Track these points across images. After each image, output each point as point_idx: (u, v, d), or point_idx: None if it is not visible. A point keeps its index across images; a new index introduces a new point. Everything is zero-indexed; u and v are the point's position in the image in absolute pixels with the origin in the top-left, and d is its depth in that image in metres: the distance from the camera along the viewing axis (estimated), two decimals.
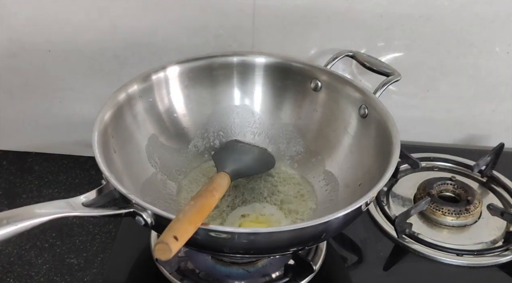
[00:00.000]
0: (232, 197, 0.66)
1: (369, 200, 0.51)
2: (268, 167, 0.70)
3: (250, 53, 0.72)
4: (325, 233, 0.52)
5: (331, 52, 0.73)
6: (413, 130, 0.84)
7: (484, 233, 0.69)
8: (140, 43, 0.76)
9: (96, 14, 0.73)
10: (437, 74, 0.80)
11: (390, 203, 0.73)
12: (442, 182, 0.74)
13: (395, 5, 0.73)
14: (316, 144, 0.70)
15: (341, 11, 0.74)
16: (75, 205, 0.49)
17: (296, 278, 0.61)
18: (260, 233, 0.48)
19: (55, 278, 0.65)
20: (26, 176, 0.81)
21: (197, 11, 0.74)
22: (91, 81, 0.79)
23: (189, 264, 0.62)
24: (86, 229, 0.72)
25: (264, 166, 0.70)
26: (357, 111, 0.66)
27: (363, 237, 0.68)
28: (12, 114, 0.83)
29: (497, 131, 0.85)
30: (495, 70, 0.79)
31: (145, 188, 0.62)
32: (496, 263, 0.65)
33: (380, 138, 0.61)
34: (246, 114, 0.73)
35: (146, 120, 0.66)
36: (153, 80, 0.66)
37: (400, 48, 0.77)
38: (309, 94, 0.70)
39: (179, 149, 0.70)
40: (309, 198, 0.67)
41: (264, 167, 0.70)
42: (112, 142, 0.59)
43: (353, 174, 0.64)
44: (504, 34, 0.76)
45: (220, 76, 0.71)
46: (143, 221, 0.48)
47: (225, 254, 0.56)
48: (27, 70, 0.79)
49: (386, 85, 0.66)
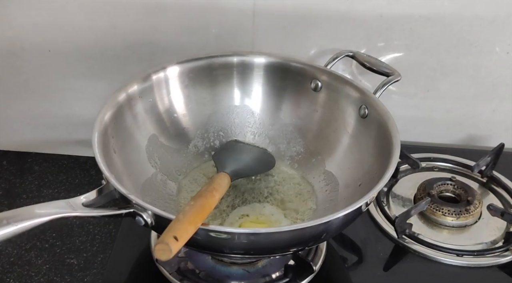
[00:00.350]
0: (232, 197, 0.66)
1: (369, 200, 0.51)
2: (268, 167, 0.70)
3: (250, 53, 0.72)
4: (325, 233, 0.52)
5: (331, 52, 0.73)
6: (413, 130, 0.84)
7: (484, 234, 0.69)
8: (140, 43, 0.76)
9: (96, 14, 0.73)
10: (437, 74, 0.80)
11: (390, 203, 0.73)
12: (442, 182, 0.74)
13: (395, 5, 0.73)
14: (316, 144, 0.70)
15: (341, 11, 0.74)
16: (75, 205, 0.49)
17: (296, 278, 0.61)
18: (260, 233, 0.48)
19: (55, 278, 0.65)
20: (26, 176, 0.81)
21: (197, 11, 0.74)
22: (91, 81, 0.79)
23: (189, 264, 0.62)
24: (86, 229, 0.72)
25: (264, 166, 0.70)
26: (357, 112, 0.66)
27: (363, 237, 0.68)
28: (12, 114, 0.83)
29: (497, 131, 0.85)
30: (495, 70, 0.79)
31: (145, 188, 0.62)
32: (496, 264, 0.65)
33: (380, 138, 0.61)
34: (246, 114, 0.73)
35: (146, 121, 0.66)
36: (153, 80, 0.66)
37: (400, 48, 0.77)
38: (309, 95, 0.70)
39: (179, 149, 0.70)
40: (309, 198, 0.67)
41: (264, 167, 0.70)
42: (112, 142, 0.59)
43: (353, 174, 0.64)
44: (504, 34, 0.76)
45: (220, 76, 0.71)
46: (143, 221, 0.48)
47: (225, 254, 0.56)
48: (27, 70, 0.79)
49: (386, 85, 0.66)
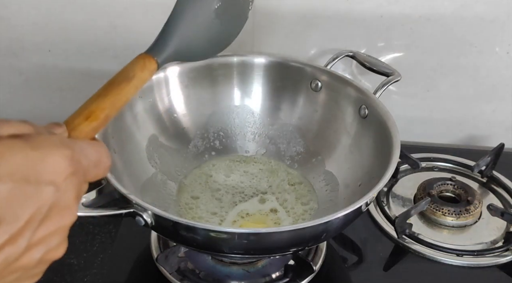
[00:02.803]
0: (232, 195, 0.67)
1: (369, 200, 0.51)
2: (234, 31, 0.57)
3: (250, 53, 0.72)
4: (325, 233, 0.52)
5: (331, 52, 0.73)
6: (413, 131, 0.84)
7: (484, 233, 0.69)
8: (140, 43, 0.76)
9: (96, 14, 0.74)
10: (437, 74, 0.80)
11: (390, 203, 0.73)
12: (442, 182, 0.74)
13: (395, 5, 0.73)
14: (316, 144, 0.70)
15: (341, 11, 0.74)
16: None
17: (296, 278, 0.61)
18: (260, 233, 0.48)
19: (55, 278, 0.65)
20: None
21: None
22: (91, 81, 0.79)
23: (189, 264, 0.62)
24: (86, 229, 0.72)
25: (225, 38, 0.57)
26: (357, 112, 0.66)
27: (363, 237, 0.68)
28: (12, 114, 0.83)
29: (497, 131, 0.85)
30: (495, 70, 0.79)
31: (145, 188, 0.63)
32: (496, 264, 0.65)
33: (380, 138, 0.61)
34: (246, 114, 0.73)
35: (146, 121, 0.66)
36: (153, 80, 0.66)
37: (400, 48, 0.77)
38: (309, 94, 0.70)
39: (179, 149, 0.70)
40: (309, 198, 0.67)
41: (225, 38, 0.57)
42: (112, 142, 0.59)
43: (353, 174, 0.64)
44: (504, 34, 0.76)
45: (220, 76, 0.71)
46: (143, 221, 0.48)
47: (225, 254, 0.56)
48: (27, 69, 0.79)
49: (386, 85, 0.66)
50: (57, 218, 0.31)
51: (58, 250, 0.32)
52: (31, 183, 0.29)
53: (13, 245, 0.29)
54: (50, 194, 0.30)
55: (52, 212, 0.31)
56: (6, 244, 0.29)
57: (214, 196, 0.67)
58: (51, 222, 0.31)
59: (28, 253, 0.30)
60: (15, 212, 0.29)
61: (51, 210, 0.30)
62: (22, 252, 0.30)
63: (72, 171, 0.31)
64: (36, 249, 0.31)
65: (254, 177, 0.70)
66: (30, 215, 0.29)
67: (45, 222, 0.30)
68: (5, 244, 0.29)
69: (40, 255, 0.31)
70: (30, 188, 0.29)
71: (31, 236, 0.30)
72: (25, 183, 0.29)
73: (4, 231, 0.29)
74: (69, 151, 0.32)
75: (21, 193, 0.29)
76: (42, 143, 0.31)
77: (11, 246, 0.29)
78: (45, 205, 0.30)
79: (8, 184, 0.29)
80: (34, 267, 0.31)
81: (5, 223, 0.29)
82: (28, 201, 0.29)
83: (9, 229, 0.29)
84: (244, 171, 0.71)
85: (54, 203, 0.30)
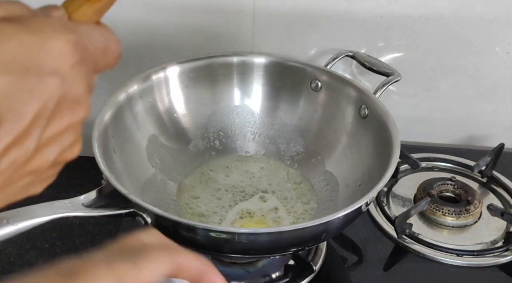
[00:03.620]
0: (232, 194, 0.67)
1: (369, 200, 0.51)
2: None
3: (250, 53, 0.72)
4: (325, 233, 0.52)
5: (331, 52, 0.73)
6: (413, 130, 0.84)
7: (484, 234, 0.69)
8: (140, 43, 0.76)
9: None
10: (437, 74, 0.80)
11: (390, 203, 0.73)
12: (442, 182, 0.74)
13: (395, 5, 0.73)
14: (316, 144, 0.70)
15: (341, 11, 0.74)
16: (75, 205, 0.49)
17: (296, 278, 0.61)
18: (260, 233, 0.48)
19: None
20: None
21: (197, 11, 0.74)
22: None
23: None
24: (86, 229, 0.72)
25: None
26: (357, 112, 0.66)
27: (363, 237, 0.68)
28: None
29: (497, 131, 0.84)
30: (495, 70, 0.79)
31: (145, 188, 0.62)
32: (496, 264, 0.65)
33: (380, 138, 0.61)
34: (246, 114, 0.73)
35: (146, 121, 0.66)
36: (153, 80, 0.66)
37: (400, 48, 0.77)
38: (309, 94, 0.70)
39: (179, 149, 0.70)
40: (309, 198, 0.67)
41: None
42: (112, 142, 0.59)
43: (353, 174, 0.64)
44: (504, 34, 0.76)
45: (220, 76, 0.71)
46: (143, 221, 0.48)
47: (225, 254, 0.56)
48: None
49: (386, 85, 0.66)
50: (67, 114, 0.27)
51: (73, 149, 0.29)
52: (32, 73, 0.25)
53: (20, 146, 0.25)
54: (56, 86, 0.26)
55: (61, 107, 0.26)
56: (11, 146, 0.25)
57: (214, 195, 0.67)
58: (61, 118, 0.27)
59: (39, 154, 0.27)
60: (17, 108, 0.25)
61: (60, 105, 0.26)
62: (31, 154, 0.26)
63: (78, 58, 0.27)
64: (48, 150, 0.27)
65: (254, 176, 0.70)
66: (35, 111, 0.25)
67: (54, 118, 0.26)
68: (10, 146, 0.25)
69: (53, 156, 0.28)
70: (31, 79, 0.25)
71: (40, 135, 0.26)
72: (25, 74, 0.25)
73: (8, 132, 0.24)
74: (72, 35, 0.27)
75: (22, 86, 0.25)
76: (40, 26, 0.26)
77: (18, 148, 0.25)
78: (52, 99, 0.26)
79: (5, 76, 0.24)
80: (47, 169, 0.28)
81: (7, 122, 0.24)
82: (30, 95, 0.25)
83: (13, 128, 0.25)
84: (244, 170, 0.71)
85: (62, 97, 0.26)
